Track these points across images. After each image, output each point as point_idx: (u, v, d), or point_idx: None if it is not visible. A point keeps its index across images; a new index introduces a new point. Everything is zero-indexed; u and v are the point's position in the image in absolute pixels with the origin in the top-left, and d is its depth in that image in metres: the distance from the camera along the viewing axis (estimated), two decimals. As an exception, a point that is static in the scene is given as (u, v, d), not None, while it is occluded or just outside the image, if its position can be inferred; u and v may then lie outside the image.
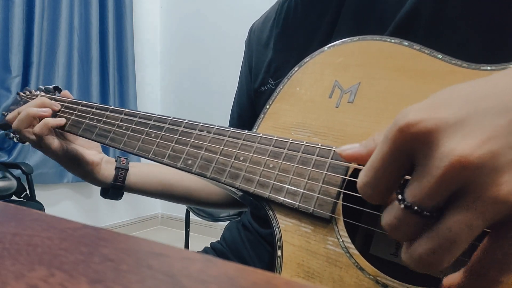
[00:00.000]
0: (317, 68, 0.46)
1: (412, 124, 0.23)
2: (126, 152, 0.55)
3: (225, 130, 0.47)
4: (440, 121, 0.22)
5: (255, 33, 0.70)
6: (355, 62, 0.43)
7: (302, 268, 0.37)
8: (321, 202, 0.37)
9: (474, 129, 0.22)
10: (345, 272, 0.34)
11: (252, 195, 0.42)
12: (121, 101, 2.70)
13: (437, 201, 0.23)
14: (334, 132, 0.41)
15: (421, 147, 0.23)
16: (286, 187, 0.40)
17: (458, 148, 0.21)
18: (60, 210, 2.40)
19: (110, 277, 0.15)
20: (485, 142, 0.21)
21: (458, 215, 0.22)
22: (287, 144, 0.42)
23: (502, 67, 0.34)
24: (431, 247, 0.23)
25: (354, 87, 0.42)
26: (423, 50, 0.38)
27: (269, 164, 0.42)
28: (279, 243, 0.39)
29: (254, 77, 0.66)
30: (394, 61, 0.40)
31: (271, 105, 0.48)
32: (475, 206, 0.21)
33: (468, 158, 0.21)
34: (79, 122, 0.61)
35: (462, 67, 0.36)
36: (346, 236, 0.36)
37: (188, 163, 0.47)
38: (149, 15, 2.97)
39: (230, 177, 0.43)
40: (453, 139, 0.22)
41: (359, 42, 0.43)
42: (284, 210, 0.40)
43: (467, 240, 0.22)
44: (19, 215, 0.25)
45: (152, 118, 0.54)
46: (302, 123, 0.44)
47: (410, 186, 0.24)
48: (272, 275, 0.15)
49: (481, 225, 0.22)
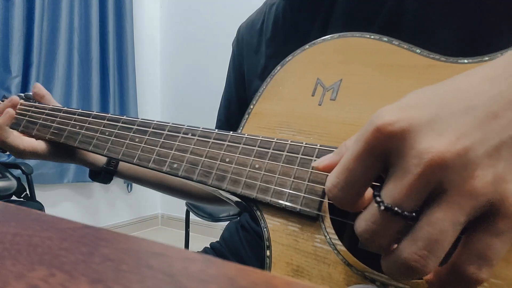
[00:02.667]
0: (299, 66, 0.46)
1: (387, 123, 0.23)
2: (110, 157, 0.54)
3: (210, 132, 0.47)
4: (413, 120, 0.23)
5: (244, 37, 0.69)
6: (336, 59, 0.43)
7: (291, 267, 0.37)
8: (307, 201, 0.37)
9: (445, 128, 0.22)
10: (333, 269, 0.35)
11: (239, 196, 0.42)
12: (121, 102, 2.70)
13: (417, 200, 0.23)
14: (318, 130, 0.42)
15: (396, 147, 0.23)
16: (272, 187, 0.40)
17: (435, 145, 0.22)
18: (60, 210, 2.40)
19: (110, 277, 0.15)
20: (458, 139, 0.22)
21: (439, 212, 0.22)
22: (272, 143, 0.42)
23: (478, 59, 0.35)
24: (415, 250, 0.23)
25: (336, 84, 0.42)
26: (402, 45, 0.39)
27: (255, 165, 0.42)
28: (267, 243, 0.39)
29: (247, 83, 0.66)
30: (374, 57, 0.40)
31: (255, 105, 0.48)
32: (455, 201, 0.22)
33: (445, 155, 0.21)
34: (61, 130, 0.61)
35: (440, 61, 0.37)
36: (333, 233, 0.36)
37: (174, 167, 0.47)
38: (149, 15, 2.97)
39: (216, 179, 0.43)
40: (427, 137, 0.22)
41: (339, 39, 0.44)
42: (271, 210, 0.40)
43: (450, 238, 0.22)
44: (19, 215, 0.25)
45: (135, 123, 0.53)
46: (286, 122, 0.44)
47: (387, 187, 0.24)
48: (272, 275, 0.15)
49: (462, 220, 0.22)
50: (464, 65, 0.35)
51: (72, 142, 0.58)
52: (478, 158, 0.22)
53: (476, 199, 0.22)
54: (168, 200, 3.06)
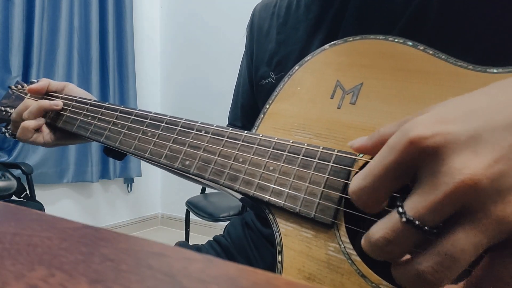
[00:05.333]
0: (318, 67, 0.45)
1: (422, 137, 0.23)
2: (122, 151, 0.54)
3: (224, 130, 0.46)
4: (450, 136, 0.22)
5: (257, 19, 0.67)
6: (358, 62, 0.42)
7: (302, 274, 0.36)
8: (323, 207, 0.36)
9: (484, 147, 0.21)
10: (346, 279, 0.34)
11: (251, 198, 0.41)
12: (121, 102, 2.70)
13: (441, 217, 0.22)
14: (336, 135, 0.40)
15: (429, 161, 0.23)
16: (286, 191, 0.39)
17: (470, 166, 0.21)
18: (60, 210, 2.40)
19: (110, 277, 0.15)
20: (496, 162, 0.21)
21: (463, 232, 0.22)
22: (287, 146, 0.41)
23: (509, 70, 0.33)
24: (432, 265, 0.23)
25: (356, 88, 0.41)
26: (427, 50, 0.38)
27: (269, 167, 0.41)
28: (279, 248, 0.38)
29: (255, 69, 0.64)
30: (397, 62, 0.39)
31: (271, 105, 0.47)
32: (481, 224, 0.21)
33: (478, 178, 0.21)
34: (73, 119, 0.61)
35: (467, 69, 0.35)
36: (348, 242, 0.35)
37: (186, 163, 0.46)
38: (149, 15, 2.97)
39: (229, 179, 0.42)
40: (463, 156, 0.22)
41: (361, 41, 0.42)
42: (284, 214, 0.39)
43: (469, 259, 0.22)
44: (19, 215, 0.25)
45: (148, 117, 0.52)
46: (303, 124, 0.43)
47: (412, 199, 0.23)
48: (273, 276, 0.15)
49: (485, 243, 0.22)
50: (493, 75, 0.33)
51: (84, 132, 0.58)
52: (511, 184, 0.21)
53: (504, 225, 0.21)
54: (168, 200, 3.06)
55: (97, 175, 2.50)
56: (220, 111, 1.58)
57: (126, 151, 0.53)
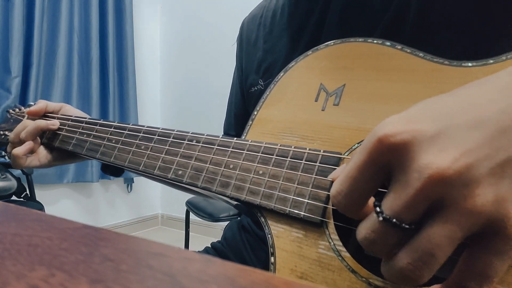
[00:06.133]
0: (302, 72, 0.46)
1: (389, 135, 0.23)
2: (117, 165, 0.55)
3: (214, 138, 0.47)
4: (417, 133, 0.23)
5: (245, 31, 0.69)
6: (339, 65, 0.43)
7: (295, 274, 0.37)
8: (311, 207, 0.37)
9: (450, 142, 0.22)
10: (338, 275, 0.34)
11: (243, 203, 0.42)
12: (121, 102, 2.70)
13: (416, 214, 0.23)
14: (321, 136, 0.41)
15: (398, 159, 0.23)
16: (276, 194, 0.40)
17: (436, 161, 0.22)
18: (60, 210, 2.40)
19: (110, 277, 0.15)
20: (462, 156, 0.21)
21: (437, 227, 0.22)
22: (275, 150, 0.42)
23: (482, 63, 0.34)
24: (411, 261, 0.23)
25: (339, 90, 0.42)
26: (405, 49, 0.39)
27: (259, 171, 0.42)
28: (271, 250, 0.39)
29: (245, 78, 0.66)
30: (377, 62, 0.40)
31: (259, 111, 0.48)
32: (453, 218, 0.22)
33: (446, 172, 0.21)
34: (69, 137, 0.62)
35: (444, 64, 0.36)
36: (338, 239, 0.36)
37: (179, 173, 0.47)
38: (149, 16, 2.97)
39: (221, 185, 0.43)
40: (430, 152, 0.22)
41: (342, 45, 0.43)
42: (275, 216, 0.40)
43: (446, 253, 0.23)
44: (19, 215, 0.25)
45: (141, 130, 0.54)
46: (289, 128, 0.44)
47: (388, 198, 0.24)
48: (272, 275, 0.15)
49: (460, 236, 0.22)
50: (468, 69, 0.35)
51: (80, 150, 0.60)
52: (481, 176, 0.21)
53: (475, 217, 0.21)
54: (168, 200, 3.06)
55: (97, 175, 2.51)
56: (220, 111, 1.58)
57: (121, 165, 0.54)
